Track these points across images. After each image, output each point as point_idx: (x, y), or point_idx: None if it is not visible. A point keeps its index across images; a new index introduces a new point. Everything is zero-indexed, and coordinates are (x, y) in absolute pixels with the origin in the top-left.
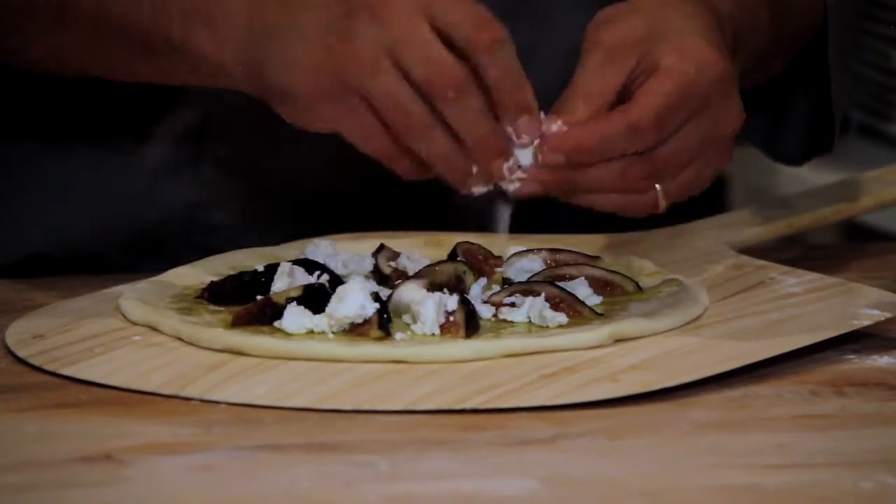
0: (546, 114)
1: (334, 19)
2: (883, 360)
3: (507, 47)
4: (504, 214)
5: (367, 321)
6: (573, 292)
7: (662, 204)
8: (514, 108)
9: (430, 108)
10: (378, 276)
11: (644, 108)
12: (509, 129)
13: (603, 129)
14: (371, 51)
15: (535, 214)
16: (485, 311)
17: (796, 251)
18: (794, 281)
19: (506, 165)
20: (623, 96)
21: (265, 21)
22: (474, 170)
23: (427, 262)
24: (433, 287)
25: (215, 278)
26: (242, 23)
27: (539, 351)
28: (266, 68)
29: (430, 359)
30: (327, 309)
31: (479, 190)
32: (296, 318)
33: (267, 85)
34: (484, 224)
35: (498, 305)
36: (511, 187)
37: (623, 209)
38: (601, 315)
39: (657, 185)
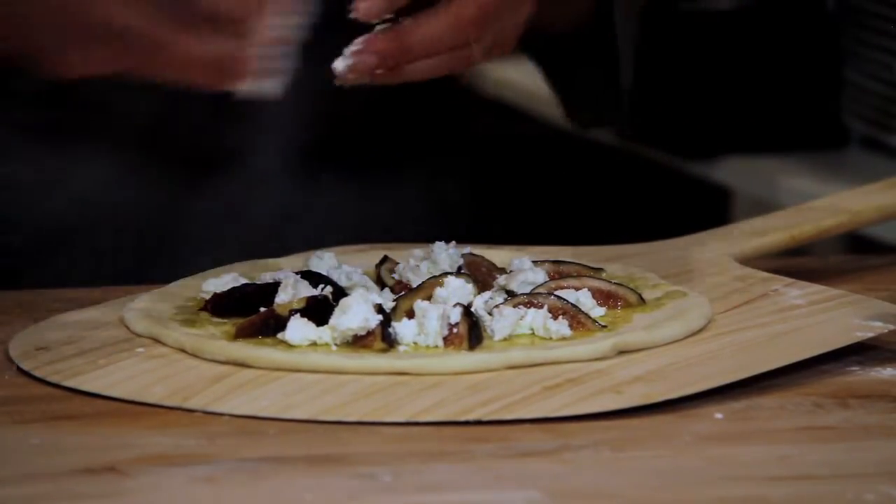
0: None
1: None
2: (886, 372)
3: None
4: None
5: (370, 333)
6: (576, 304)
7: (479, 55)
8: None
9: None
10: (381, 287)
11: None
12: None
13: (426, 30)
14: None
15: (537, 226)
16: (488, 322)
17: (799, 263)
18: (797, 293)
19: (266, 20)
20: None
21: None
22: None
23: (430, 274)
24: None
25: (218, 290)
26: None
27: (542, 363)
28: (12, 29)
29: (433, 371)
30: (330, 321)
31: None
32: (299, 329)
33: (20, 47)
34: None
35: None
36: (341, 65)
37: (446, 69)
38: (604, 327)
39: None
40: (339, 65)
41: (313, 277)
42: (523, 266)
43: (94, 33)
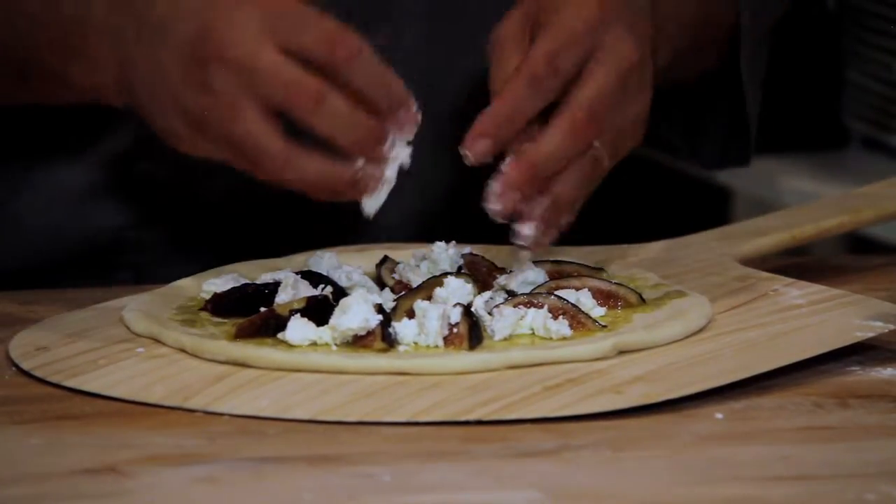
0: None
1: (189, 67)
2: (886, 372)
3: (364, 56)
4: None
5: (370, 333)
6: (576, 304)
7: (607, 161)
8: (389, 106)
9: (291, 140)
10: (381, 288)
11: (532, 57)
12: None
13: (508, 97)
14: (226, 97)
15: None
16: (488, 322)
17: (799, 263)
18: (797, 293)
19: (385, 146)
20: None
21: (127, 54)
22: (358, 167)
23: (430, 274)
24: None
25: (218, 290)
26: (108, 54)
27: (543, 362)
28: (139, 102)
29: (433, 370)
30: (331, 321)
31: (374, 197)
32: (299, 329)
33: (146, 114)
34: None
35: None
36: (494, 208)
37: (587, 181)
38: (605, 327)
39: (596, 143)
40: (493, 208)
41: (313, 277)
42: (524, 266)
43: (212, 130)
